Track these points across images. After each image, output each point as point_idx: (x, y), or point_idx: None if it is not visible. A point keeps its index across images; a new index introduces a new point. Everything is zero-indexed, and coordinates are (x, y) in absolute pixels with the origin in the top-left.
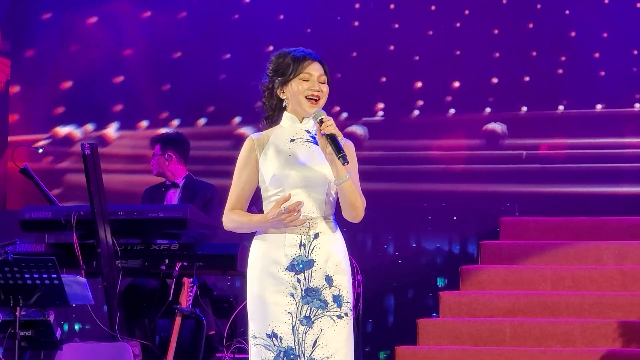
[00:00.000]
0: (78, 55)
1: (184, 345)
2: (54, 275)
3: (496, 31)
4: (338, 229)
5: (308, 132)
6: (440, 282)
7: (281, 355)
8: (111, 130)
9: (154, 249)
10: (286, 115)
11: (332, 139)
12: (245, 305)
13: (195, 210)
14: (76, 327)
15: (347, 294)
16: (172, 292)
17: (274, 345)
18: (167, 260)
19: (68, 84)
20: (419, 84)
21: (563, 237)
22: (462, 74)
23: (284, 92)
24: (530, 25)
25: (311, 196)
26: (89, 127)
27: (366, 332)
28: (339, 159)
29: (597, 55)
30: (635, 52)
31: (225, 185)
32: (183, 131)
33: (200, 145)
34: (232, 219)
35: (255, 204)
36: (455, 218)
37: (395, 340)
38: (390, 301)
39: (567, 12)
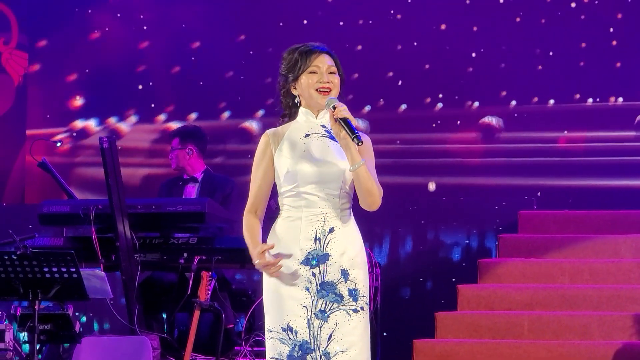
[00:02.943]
0: (96, 47)
1: (203, 339)
2: (73, 269)
3: (518, 19)
4: (354, 223)
5: (324, 126)
6: (458, 275)
7: (296, 349)
8: (129, 124)
9: (173, 243)
10: (302, 110)
11: (345, 122)
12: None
13: (214, 204)
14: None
15: (364, 288)
16: (190, 285)
17: (289, 338)
18: (185, 254)
19: (86, 77)
20: (438, 78)
21: (581, 231)
22: (482, 67)
23: (296, 89)
24: (543, 21)
25: (325, 191)
26: (110, 120)
27: (384, 326)
28: (352, 139)
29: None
30: None
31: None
32: (202, 125)
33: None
34: (243, 226)
35: (273, 197)
36: (473, 211)
37: (414, 333)
38: (409, 294)
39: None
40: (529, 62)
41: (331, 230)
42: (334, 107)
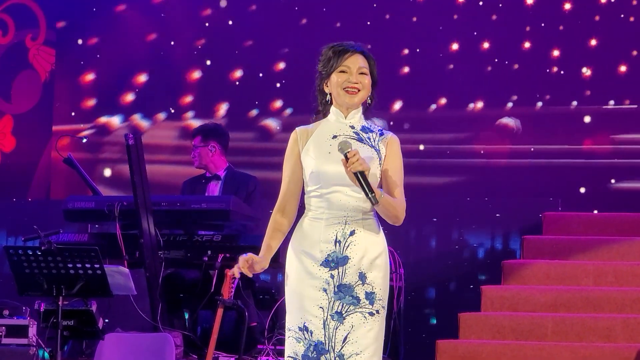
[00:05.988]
0: (121, 45)
1: (226, 337)
2: (97, 266)
3: (561, 27)
4: (378, 225)
5: (352, 127)
6: (482, 276)
7: (311, 349)
8: (154, 121)
9: (197, 240)
10: (332, 109)
11: (361, 176)
12: None
13: (238, 201)
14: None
15: (381, 291)
16: (214, 283)
17: (305, 338)
18: (209, 252)
19: (112, 74)
20: (466, 79)
21: (606, 233)
22: (508, 68)
23: (327, 86)
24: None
25: (348, 194)
26: (135, 117)
27: (407, 325)
28: (368, 199)
29: None
30: None
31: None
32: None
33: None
34: (268, 225)
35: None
36: (498, 212)
37: (437, 333)
38: (432, 295)
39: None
40: (554, 64)
41: (352, 233)
42: (346, 156)
